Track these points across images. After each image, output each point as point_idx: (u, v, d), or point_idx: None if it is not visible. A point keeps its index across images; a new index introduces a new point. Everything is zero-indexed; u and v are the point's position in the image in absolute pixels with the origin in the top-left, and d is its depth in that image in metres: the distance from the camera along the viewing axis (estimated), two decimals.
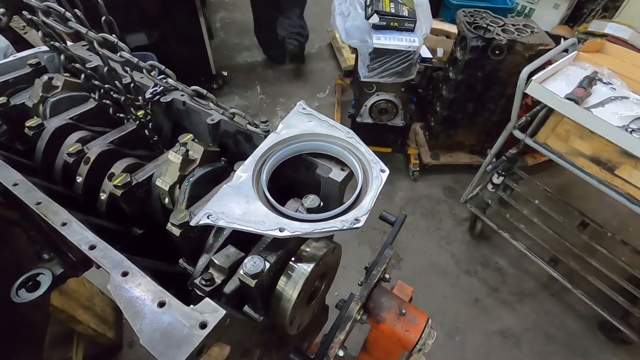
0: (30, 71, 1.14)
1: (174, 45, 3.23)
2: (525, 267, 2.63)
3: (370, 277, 1.09)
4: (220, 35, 4.48)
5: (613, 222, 2.86)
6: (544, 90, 1.79)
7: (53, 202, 0.70)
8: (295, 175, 0.89)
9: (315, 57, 4.33)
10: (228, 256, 0.71)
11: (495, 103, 2.69)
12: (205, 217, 0.66)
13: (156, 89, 1.03)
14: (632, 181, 1.77)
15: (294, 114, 0.87)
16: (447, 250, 2.72)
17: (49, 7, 0.77)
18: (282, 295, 0.70)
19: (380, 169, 0.76)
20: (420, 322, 1.08)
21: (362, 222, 0.66)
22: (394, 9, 2.24)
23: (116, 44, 0.79)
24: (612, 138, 1.62)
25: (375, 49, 2.22)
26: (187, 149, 0.87)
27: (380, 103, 2.59)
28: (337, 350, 0.97)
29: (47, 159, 0.96)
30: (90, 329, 1.80)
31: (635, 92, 1.85)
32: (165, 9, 3.04)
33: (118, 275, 0.58)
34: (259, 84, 3.94)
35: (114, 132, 1.03)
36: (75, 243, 0.63)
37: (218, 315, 0.53)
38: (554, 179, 3.10)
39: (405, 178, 3.14)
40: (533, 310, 2.44)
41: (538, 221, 2.47)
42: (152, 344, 0.50)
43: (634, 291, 2.11)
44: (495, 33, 2.32)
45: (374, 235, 2.74)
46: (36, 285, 0.79)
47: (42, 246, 0.87)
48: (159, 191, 0.89)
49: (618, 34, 2.58)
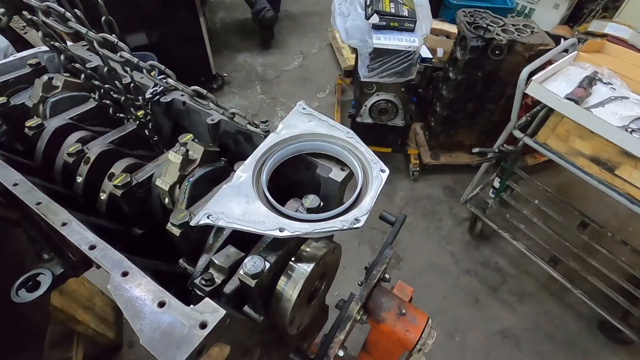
0: (30, 71, 1.14)
1: (174, 45, 3.23)
2: (525, 267, 2.63)
3: (370, 277, 1.09)
4: (220, 35, 4.48)
5: (613, 222, 2.86)
6: (544, 90, 1.79)
7: (53, 202, 0.70)
8: (295, 175, 0.89)
9: (315, 57, 4.33)
10: (228, 256, 0.71)
11: (495, 103, 2.69)
12: (205, 217, 0.66)
13: (156, 89, 1.03)
14: (632, 181, 1.76)
15: (294, 114, 0.87)
16: (447, 250, 2.72)
17: (49, 7, 0.77)
18: (282, 295, 0.70)
19: (380, 169, 0.76)
20: (420, 322, 1.08)
21: (362, 222, 0.66)
22: (394, 9, 2.24)
23: (116, 44, 0.79)
24: (612, 138, 1.62)
25: (375, 49, 2.22)
26: (187, 149, 0.87)
27: (380, 103, 2.59)
28: (337, 350, 0.97)
29: (47, 159, 0.96)
30: (90, 329, 1.80)
31: (635, 92, 1.85)
32: (165, 9, 3.04)
33: (118, 275, 0.58)
34: (259, 84, 3.94)
35: (114, 132, 1.03)
36: (75, 243, 0.63)
37: (218, 315, 0.53)
38: (554, 179, 3.10)
39: (405, 178, 3.14)
40: (533, 310, 2.44)
41: (538, 221, 2.47)
42: (152, 344, 0.50)
43: (634, 291, 2.11)
44: (495, 33, 2.32)
45: (374, 235, 2.74)
46: (36, 285, 0.79)
47: (42, 246, 0.87)
48: (159, 191, 0.89)
49: (618, 34, 2.58)
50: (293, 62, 4.23)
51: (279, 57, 4.26)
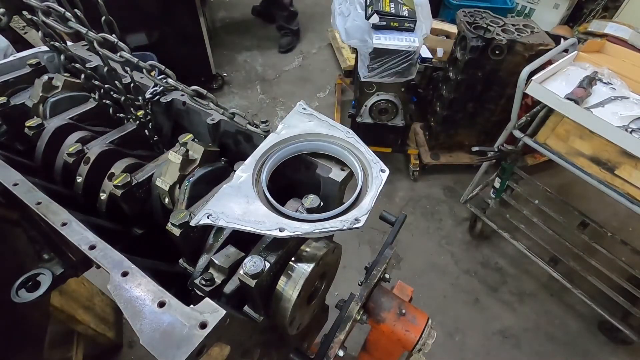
0: (30, 71, 1.14)
1: (174, 45, 3.23)
2: (525, 267, 2.63)
3: (370, 277, 1.09)
4: (220, 35, 4.48)
5: (613, 222, 2.86)
6: (544, 90, 1.79)
7: (53, 202, 0.70)
8: (295, 175, 0.89)
9: (315, 57, 4.33)
10: (228, 256, 0.71)
11: (495, 103, 2.69)
12: (205, 217, 0.66)
13: (156, 89, 1.03)
14: (632, 181, 1.76)
15: (294, 114, 0.87)
16: (447, 250, 2.72)
17: (49, 7, 0.77)
18: (282, 295, 0.70)
19: (380, 169, 0.76)
20: (420, 322, 1.08)
21: (362, 222, 0.66)
22: (394, 9, 2.24)
23: (116, 44, 0.79)
24: (612, 138, 1.62)
25: (375, 49, 2.22)
26: (187, 149, 0.87)
27: (380, 103, 2.59)
28: (337, 350, 0.97)
29: (47, 159, 0.96)
30: (90, 329, 1.80)
31: (635, 92, 1.85)
32: (165, 9, 3.04)
33: (118, 275, 0.58)
34: (259, 84, 3.94)
35: (114, 132, 1.03)
36: (75, 243, 0.63)
37: (218, 315, 0.53)
38: (554, 179, 3.10)
39: (405, 178, 3.14)
40: (533, 310, 2.44)
41: (538, 221, 2.47)
42: (152, 344, 0.50)
43: (634, 291, 2.11)
44: (495, 33, 2.32)
45: (374, 235, 2.74)
46: (36, 285, 0.79)
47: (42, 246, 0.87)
48: (159, 191, 0.89)
49: (618, 34, 2.58)
50: (293, 62, 4.23)
51: (279, 57, 4.26)
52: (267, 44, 4.39)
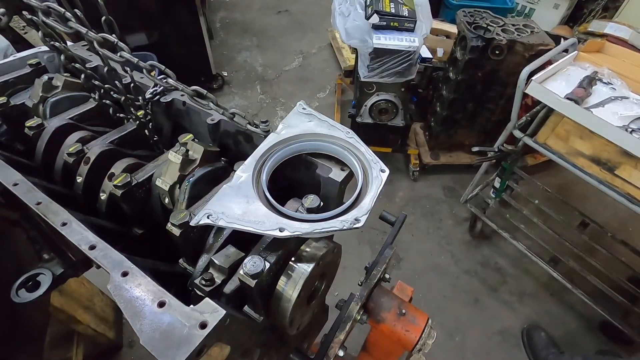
0: (30, 71, 1.14)
1: (174, 45, 3.23)
2: (525, 267, 2.63)
3: (370, 277, 1.09)
4: (220, 35, 4.48)
5: (613, 222, 2.86)
6: (544, 90, 1.78)
7: (53, 202, 0.69)
8: (295, 175, 0.89)
9: (315, 57, 4.33)
10: (228, 256, 0.71)
11: (495, 103, 2.69)
12: (205, 217, 0.66)
13: (156, 89, 1.03)
14: (632, 181, 1.76)
15: (294, 114, 0.87)
16: (447, 250, 2.72)
17: (49, 7, 0.77)
18: (282, 295, 0.70)
19: (380, 169, 0.76)
20: (420, 322, 1.08)
21: (362, 222, 0.66)
22: (394, 9, 2.24)
23: (116, 44, 0.79)
24: (612, 138, 1.62)
25: (375, 49, 2.22)
26: (187, 149, 0.87)
27: (380, 103, 2.59)
28: (337, 350, 0.97)
29: (47, 159, 0.96)
30: (90, 329, 1.80)
31: (635, 92, 1.85)
32: (165, 9, 3.04)
33: (118, 275, 0.58)
34: (259, 84, 3.94)
35: (114, 132, 1.03)
36: (75, 243, 0.63)
37: (218, 315, 0.53)
38: (554, 179, 3.10)
39: (405, 178, 3.14)
40: (533, 310, 2.44)
41: (538, 221, 2.47)
42: (152, 344, 0.50)
43: (634, 291, 2.11)
44: (495, 33, 2.32)
45: (374, 235, 2.74)
46: (36, 285, 0.79)
47: (42, 246, 0.87)
48: (159, 191, 0.89)
49: (618, 34, 2.58)
50: (293, 62, 4.23)
51: (279, 57, 4.26)
52: (267, 44, 4.39)
